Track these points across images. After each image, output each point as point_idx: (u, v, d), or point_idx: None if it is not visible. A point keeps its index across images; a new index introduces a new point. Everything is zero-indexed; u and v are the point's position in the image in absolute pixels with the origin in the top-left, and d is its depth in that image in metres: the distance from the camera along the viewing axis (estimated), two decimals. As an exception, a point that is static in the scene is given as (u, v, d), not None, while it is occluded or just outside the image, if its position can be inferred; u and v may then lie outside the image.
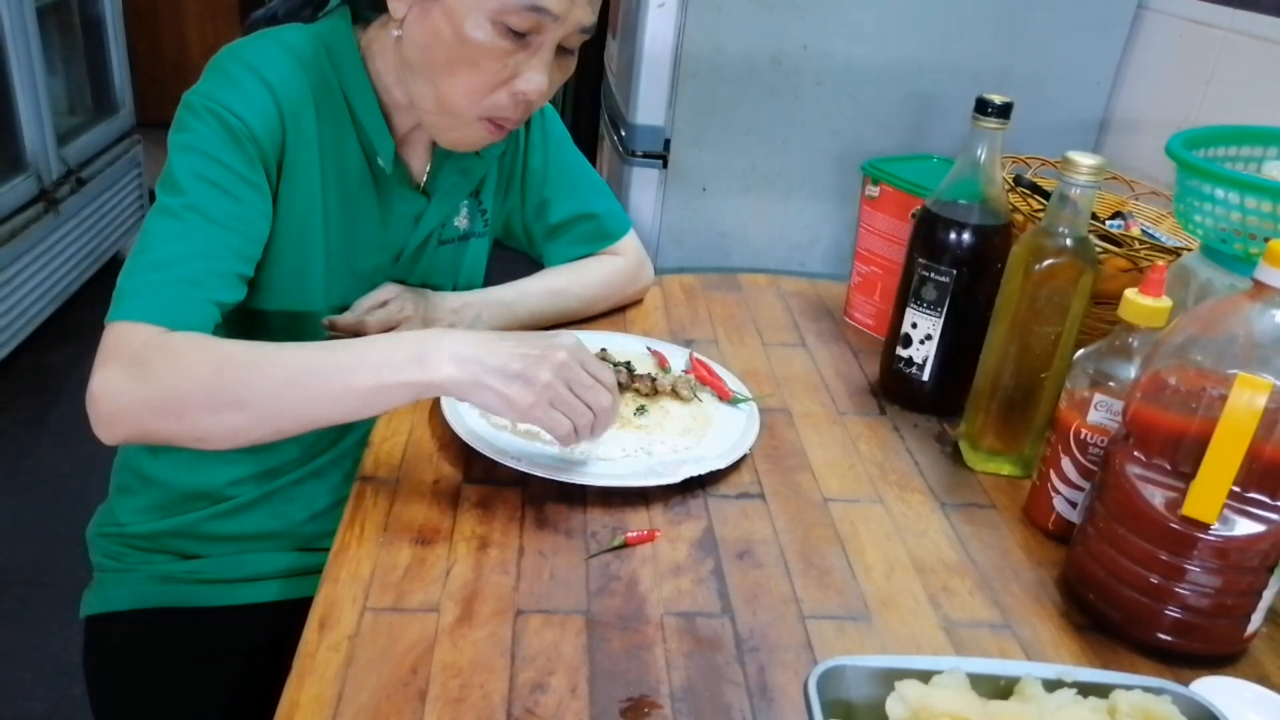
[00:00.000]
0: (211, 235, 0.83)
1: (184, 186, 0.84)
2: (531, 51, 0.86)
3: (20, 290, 2.51)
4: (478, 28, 0.84)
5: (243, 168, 0.85)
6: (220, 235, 0.84)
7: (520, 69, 0.87)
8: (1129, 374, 0.79)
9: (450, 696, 0.65)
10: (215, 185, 0.84)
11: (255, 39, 0.90)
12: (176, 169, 0.84)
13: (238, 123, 0.85)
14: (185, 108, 0.86)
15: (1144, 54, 1.56)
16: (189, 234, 0.83)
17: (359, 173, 0.96)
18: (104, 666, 0.99)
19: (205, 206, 0.84)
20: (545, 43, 0.86)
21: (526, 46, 0.86)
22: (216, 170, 0.84)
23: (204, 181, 0.84)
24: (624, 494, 0.86)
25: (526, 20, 0.84)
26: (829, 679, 0.56)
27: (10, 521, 2.10)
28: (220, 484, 1.01)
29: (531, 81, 0.87)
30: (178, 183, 0.84)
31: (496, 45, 0.85)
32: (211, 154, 0.84)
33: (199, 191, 0.84)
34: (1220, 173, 0.84)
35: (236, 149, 0.85)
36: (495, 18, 0.83)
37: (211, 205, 0.84)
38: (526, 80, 0.87)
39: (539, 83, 0.87)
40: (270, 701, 0.64)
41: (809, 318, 1.26)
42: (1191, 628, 0.73)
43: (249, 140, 0.85)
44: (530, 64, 0.87)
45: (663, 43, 1.49)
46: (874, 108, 1.56)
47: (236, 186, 0.85)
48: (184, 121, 0.86)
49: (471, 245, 1.09)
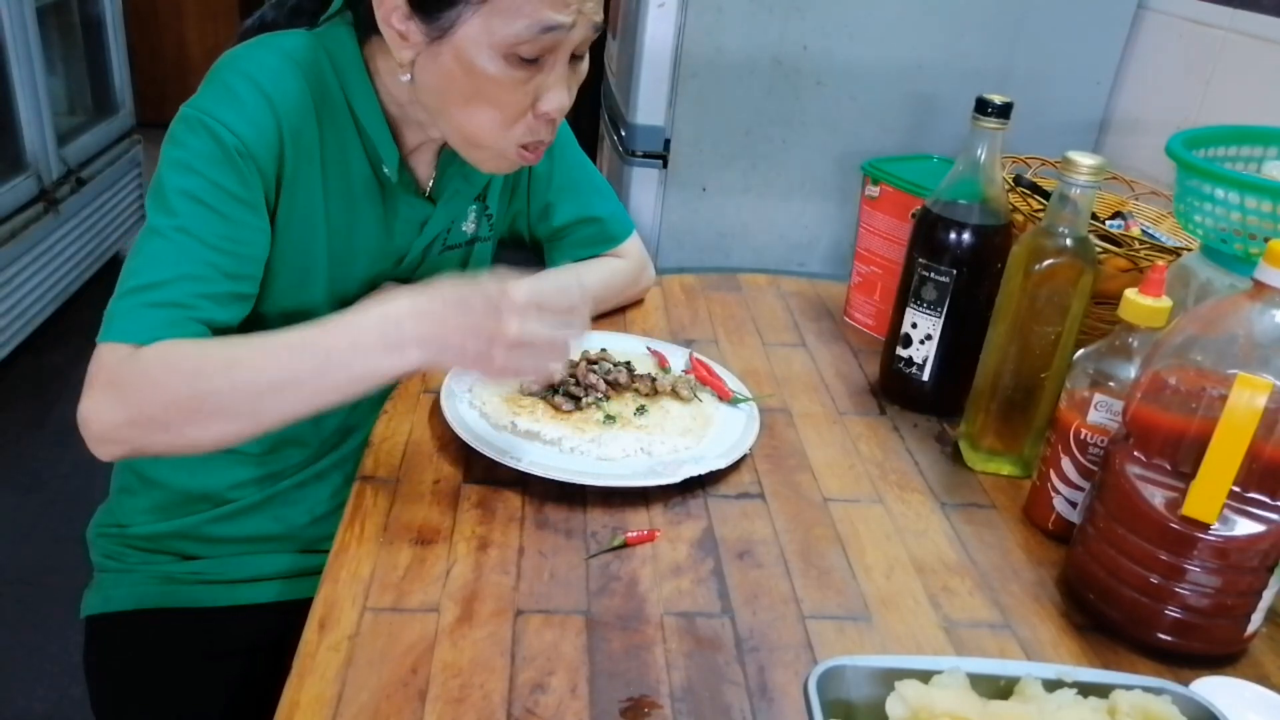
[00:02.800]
0: (201, 257, 0.83)
1: (175, 207, 0.83)
2: (547, 72, 0.85)
3: (20, 290, 2.51)
4: (490, 63, 0.82)
5: (235, 186, 0.84)
6: (209, 257, 0.83)
7: (540, 91, 0.86)
8: (1129, 374, 0.79)
9: (450, 696, 0.65)
10: (206, 205, 0.83)
11: (255, 47, 0.89)
12: (168, 187, 0.83)
13: (233, 139, 0.83)
14: (181, 120, 0.85)
15: (1144, 54, 1.56)
16: (178, 257, 0.82)
17: (363, 180, 0.95)
18: (104, 666, 0.99)
19: (195, 228, 0.83)
20: (559, 59, 0.85)
21: (541, 69, 0.85)
22: (208, 190, 0.83)
23: (195, 201, 0.83)
24: (624, 494, 0.86)
25: (539, 45, 0.82)
26: (829, 679, 0.56)
27: (10, 521, 2.10)
28: (222, 486, 1.01)
29: (553, 101, 0.86)
30: (169, 202, 0.83)
31: (511, 77, 0.83)
32: (203, 173, 0.83)
33: (189, 212, 0.83)
34: (1220, 173, 0.84)
35: (229, 167, 0.83)
36: (506, 51, 0.82)
37: (202, 226, 0.83)
38: (548, 101, 0.86)
39: (561, 100, 0.87)
40: (270, 701, 0.64)
41: (809, 318, 1.26)
42: (1191, 628, 0.73)
43: (244, 156, 0.84)
44: (548, 84, 0.86)
45: (663, 43, 1.49)
46: (874, 108, 1.56)
47: (228, 206, 0.84)
48: (178, 136, 0.84)
49: (477, 249, 1.10)
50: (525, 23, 0.80)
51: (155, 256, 0.82)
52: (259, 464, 1.01)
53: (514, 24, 0.80)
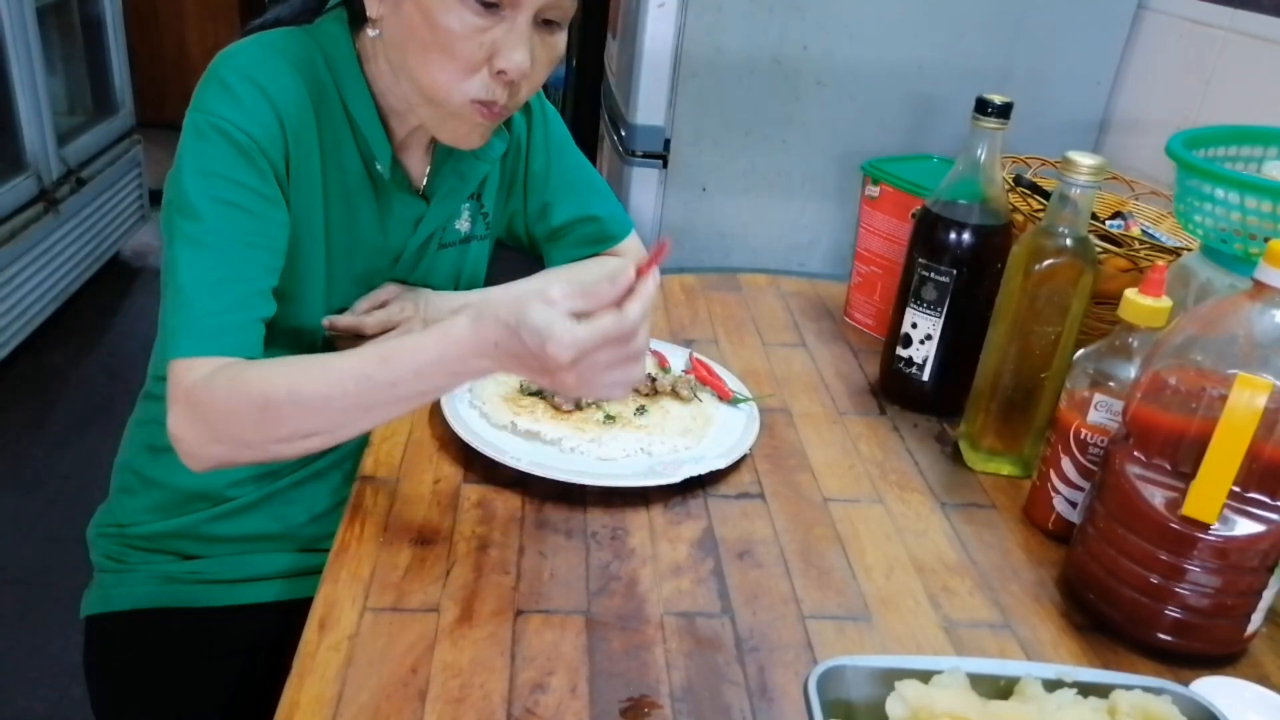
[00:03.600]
0: (243, 257, 0.84)
1: (203, 213, 0.83)
2: (507, 26, 0.83)
3: (20, 290, 2.51)
4: (446, 9, 0.82)
5: (257, 183, 0.84)
6: (250, 255, 0.84)
7: (498, 47, 0.84)
8: (1129, 374, 0.79)
9: (450, 696, 0.65)
10: (235, 206, 0.83)
11: (250, 45, 0.89)
12: (193, 195, 0.83)
13: (245, 138, 0.84)
14: (191, 129, 0.85)
15: (1144, 54, 1.56)
16: (221, 261, 0.83)
17: (358, 177, 0.95)
18: (104, 666, 0.99)
19: (229, 230, 0.83)
20: (521, 13, 0.83)
21: (501, 20, 0.83)
22: (233, 190, 0.83)
23: (223, 204, 0.83)
24: (624, 494, 0.86)
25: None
26: (829, 679, 0.56)
27: (10, 521, 2.10)
28: (221, 485, 1.00)
29: (511, 60, 0.84)
30: (196, 210, 0.83)
31: (468, 23, 0.82)
32: (225, 175, 0.83)
33: (220, 215, 0.83)
34: (1220, 173, 0.84)
35: (249, 165, 0.84)
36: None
37: (235, 227, 0.83)
38: (505, 58, 0.84)
39: (519, 60, 0.84)
40: (270, 701, 0.64)
41: (809, 318, 1.26)
42: (1191, 628, 0.73)
43: (258, 154, 0.84)
44: (507, 40, 0.84)
45: (663, 43, 1.49)
46: (874, 108, 1.56)
47: (254, 203, 0.84)
48: (192, 145, 0.84)
49: (473, 248, 1.09)
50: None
51: (200, 265, 0.82)
52: (258, 463, 1.01)
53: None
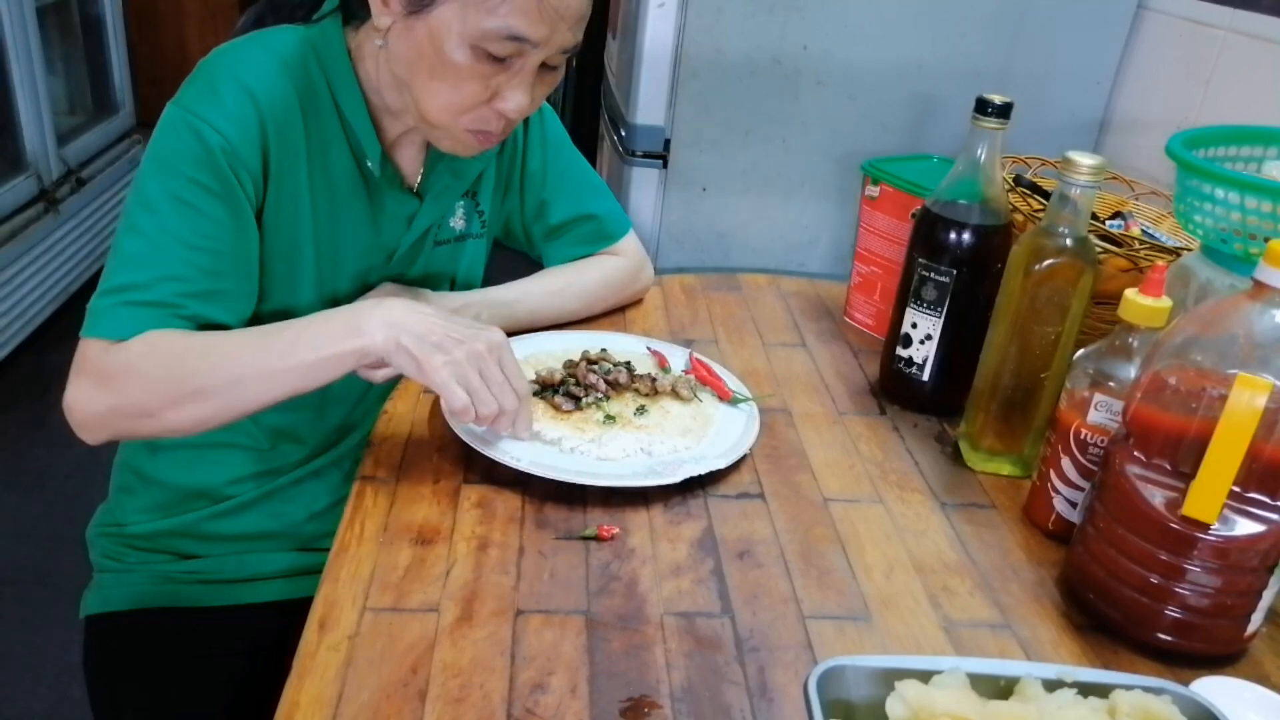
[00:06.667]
0: (180, 257, 0.85)
1: (157, 206, 0.84)
2: (512, 74, 0.86)
3: (20, 290, 2.51)
4: (458, 50, 0.83)
5: (216, 185, 0.85)
6: (189, 256, 0.85)
7: (501, 89, 0.87)
8: (1129, 374, 0.79)
9: (450, 696, 0.65)
10: (189, 204, 0.84)
11: (243, 44, 0.90)
12: (149, 185, 0.85)
13: (217, 137, 0.84)
14: (167, 120, 0.86)
15: (1144, 54, 1.56)
16: (158, 257, 0.84)
17: (349, 175, 0.95)
18: (104, 666, 0.99)
19: (175, 227, 0.84)
20: (527, 65, 0.86)
21: (507, 69, 0.86)
22: (190, 189, 0.84)
23: (177, 201, 0.84)
24: (624, 494, 0.86)
25: (506, 47, 0.83)
26: (829, 679, 0.56)
27: (10, 521, 2.10)
28: (220, 483, 1.01)
29: (512, 101, 0.87)
30: (150, 200, 0.85)
31: (476, 68, 0.84)
32: (186, 172, 0.84)
33: (172, 212, 0.84)
34: (1220, 173, 0.84)
35: (211, 166, 0.84)
36: (475, 43, 0.83)
37: (181, 225, 0.84)
38: (506, 100, 0.87)
39: (519, 102, 0.87)
40: (270, 701, 0.64)
41: (809, 318, 1.26)
42: (1191, 628, 0.73)
43: (228, 155, 0.85)
44: (511, 85, 0.87)
45: (663, 43, 1.49)
46: (874, 108, 1.56)
47: (210, 205, 0.85)
48: (163, 135, 0.86)
49: (469, 246, 1.09)
50: (497, 24, 0.82)
51: (136, 255, 0.85)
52: (257, 460, 1.01)
53: (487, 21, 0.82)
